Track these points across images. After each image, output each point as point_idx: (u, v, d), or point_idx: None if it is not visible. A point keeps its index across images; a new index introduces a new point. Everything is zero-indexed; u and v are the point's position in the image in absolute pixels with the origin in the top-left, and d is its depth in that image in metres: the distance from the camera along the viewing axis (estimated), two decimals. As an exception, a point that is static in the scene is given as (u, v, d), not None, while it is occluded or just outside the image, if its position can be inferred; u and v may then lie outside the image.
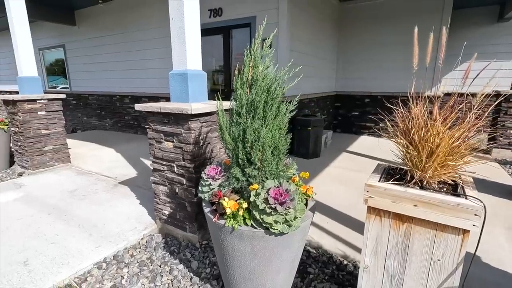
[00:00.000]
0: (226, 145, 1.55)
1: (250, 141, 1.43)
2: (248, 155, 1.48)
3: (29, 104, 4.04)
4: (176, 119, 2.23)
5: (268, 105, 1.46)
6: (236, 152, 1.50)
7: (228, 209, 1.39)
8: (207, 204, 1.64)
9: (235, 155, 1.53)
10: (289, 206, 1.33)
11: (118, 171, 4.23)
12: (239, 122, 1.49)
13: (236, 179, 1.54)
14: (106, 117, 7.78)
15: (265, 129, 1.39)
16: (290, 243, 1.47)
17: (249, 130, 1.42)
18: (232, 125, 1.53)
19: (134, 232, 2.57)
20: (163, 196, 2.53)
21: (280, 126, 1.51)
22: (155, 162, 2.49)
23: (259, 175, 1.50)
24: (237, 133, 1.49)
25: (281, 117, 1.52)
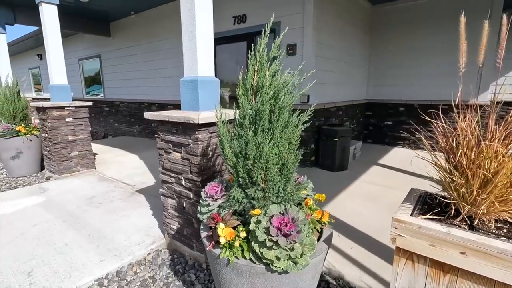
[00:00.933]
0: (227, 161, 1.34)
1: (252, 158, 1.21)
2: (250, 174, 1.26)
3: (57, 111, 4.19)
4: (184, 129, 2.08)
5: (275, 115, 1.23)
6: (237, 170, 1.29)
7: (222, 238, 1.17)
8: (205, 227, 1.44)
9: (236, 173, 1.31)
10: (295, 240, 1.08)
11: (138, 178, 4.21)
12: (241, 134, 1.28)
13: (236, 201, 1.32)
14: (135, 123, 8.00)
15: (269, 144, 1.16)
16: (298, 283, 1.21)
17: (251, 145, 1.20)
18: (234, 138, 1.32)
19: (141, 246, 2.44)
20: (171, 209, 2.38)
21: (289, 140, 1.27)
22: (163, 173, 2.36)
23: (264, 198, 1.27)
24: (238, 147, 1.28)
25: (291, 129, 1.29)
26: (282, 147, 1.25)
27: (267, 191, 1.28)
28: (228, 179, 1.62)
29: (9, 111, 4.57)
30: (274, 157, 1.21)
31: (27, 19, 6.24)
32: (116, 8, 6.74)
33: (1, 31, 5.78)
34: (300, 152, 1.32)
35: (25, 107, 4.76)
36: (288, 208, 1.19)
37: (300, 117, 1.34)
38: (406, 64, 6.20)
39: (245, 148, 1.26)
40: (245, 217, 1.38)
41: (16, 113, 4.64)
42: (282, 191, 1.29)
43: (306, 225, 1.14)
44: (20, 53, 13.37)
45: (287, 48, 4.55)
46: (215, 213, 1.37)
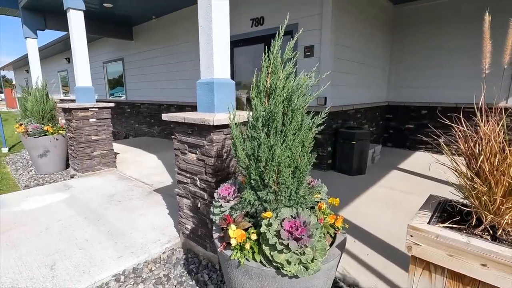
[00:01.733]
0: (239, 162, 1.35)
1: (264, 160, 1.21)
2: (262, 176, 1.26)
3: (82, 112, 4.38)
4: (199, 130, 2.11)
5: (288, 118, 1.23)
6: (249, 172, 1.29)
7: (233, 240, 1.17)
8: (217, 228, 1.45)
9: (248, 175, 1.31)
10: (306, 244, 1.06)
11: (156, 178, 4.32)
12: (253, 136, 1.28)
13: (248, 203, 1.32)
14: (155, 124, 8.22)
15: (282, 147, 1.16)
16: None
17: (263, 147, 1.20)
18: (247, 140, 1.33)
19: (157, 245, 2.49)
20: (186, 209, 2.42)
21: (303, 143, 1.26)
22: (179, 173, 2.41)
23: (276, 200, 1.26)
24: (251, 149, 1.28)
25: (305, 132, 1.27)
26: (295, 149, 1.24)
27: (279, 194, 1.27)
28: (241, 181, 1.63)
29: (38, 111, 4.83)
30: (287, 159, 1.20)
31: (56, 25, 6.58)
32: (138, 12, 6.98)
33: (33, 36, 6.14)
34: (314, 155, 1.30)
35: (52, 108, 5.01)
36: (300, 211, 1.18)
37: (314, 120, 1.32)
38: (429, 65, 5.98)
39: (258, 150, 1.26)
40: (256, 220, 1.38)
41: (44, 113, 4.89)
42: (294, 194, 1.27)
43: (318, 230, 1.12)
44: (49, 57, 14.13)
45: (304, 50, 4.51)
46: (227, 214, 1.38)
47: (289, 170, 1.23)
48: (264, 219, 1.21)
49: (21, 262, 2.23)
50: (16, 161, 5.76)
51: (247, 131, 1.37)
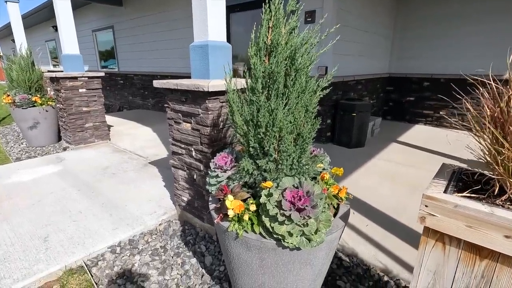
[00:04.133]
0: (237, 129, 1.23)
1: (264, 125, 1.10)
2: (262, 143, 1.15)
3: (71, 81, 4.16)
4: (194, 98, 1.97)
5: (291, 79, 1.10)
6: (248, 139, 1.18)
7: (230, 211, 1.09)
8: (213, 199, 1.37)
9: (247, 143, 1.21)
10: (309, 215, 0.98)
11: (151, 150, 4.22)
12: (252, 100, 1.16)
13: (247, 173, 1.23)
14: (148, 97, 7.98)
15: (284, 111, 1.04)
16: (310, 260, 1.14)
17: (263, 111, 1.08)
18: (245, 105, 1.20)
19: (153, 217, 2.44)
20: (182, 181, 2.34)
21: (306, 107, 1.14)
22: (174, 144, 2.30)
23: (276, 170, 1.17)
24: (249, 114, 1.16)
25: (309, 95, 1.15)
26: (298, 114, 1.12)
27: (280, 162, 1.17)
28: (238, 150, 1.52)
29: (25, 81, 4.59)
30: (289, 125, 1.09)
31: (39, -13, 6.10)
32: (127, -26, 6.47)
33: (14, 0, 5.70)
34: (318, 121, 1.19)
35: (39, 77, 4.77)
36: (303, 181, 1.09)
37: (319, 82, 1.19)
38: (435, 34, 5.71)
39: (257, 115, 1.15)
40: (255, 190, 1.30)
41: (31, 83, 4.66)
42: (296, 163, 1.18)
43: (322, 200, 1.04)
44: (36, 25, 13.39)
45: (305, 15, 4.24)
46: (224, 184, 1.29)
47: (291, 137, 1.13)
48: (264, 189, 1.12)
49: (13, 234, 2.17)
50: (7, 134, 5.60)
51: (246, 96, 1.24)
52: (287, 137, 1.10)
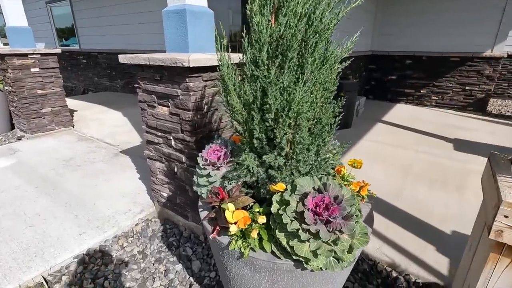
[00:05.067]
0: (234, 114, 0.94)
1: (274, 110, 0.81)
2: (270, 133, 0.87)
3: (19, 59, 3.54)
4: (171, 76, 1.62)
5: (309, 45, 0.80)
6: (250, 127, 0.89)
7: (233, 226, 0.81)
8: (205, 205, 1.08)
9: (249, 132, 0.92)
10: (341, 229, 0.73)
11: (122, 137, 3.78)
12: (255, 75, 0.86)
13: (248, 170, 0.95)
14: (117, 77, 7.27)
15: (303, 88, 0.75)
16: (334, 278, 0.91)
17: (272, 90, 0.79)
18: (244, 82, 0.90)
19: (128, 216, 2.12)
20: (160, 175, 2.02)
21: (325, 85, 0.86)
22: (148, 132, 1.95)
23: (288, 166, 0.90)
24: (252, 94, 0.87)
25: (328, 69, 0.86)
26: (317, 93, 0.84)
27: (292, 157, 0.90)
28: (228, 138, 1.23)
29: (-38, 59, 3.86)
30: (309, 109, 0.81)
31: None
32: None
33: None
34: (341, 103, 0.92)
35: (-19, 55, 4.04)
36: (327, 182, 0.83)
37: (341, 50, 0.91)
38: (418, 10, 5.56)
39: (262, 97, 0.85)
40: (258, 190, 1.03)
41: (-29, 62, 3.93)
42: (313, 157, 0.91)
43: (354, 207, 0.79)
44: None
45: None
46: (219, 186, 1.01)
47: (309, 124, 0.85)
48: (275, 194, 0.86)
49: (-50, 248, 1.77)
50: None
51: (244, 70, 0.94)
52: (305, 125, 0.83)
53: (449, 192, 2.48)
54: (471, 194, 2.44)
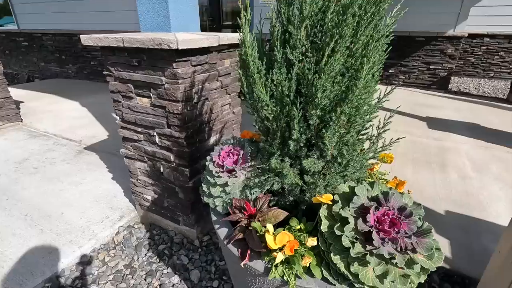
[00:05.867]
0: (261, 109, 0.74)
1: (322, 106, 0.63)
2: (308, 132, 0.69)
3: None
4: (152, 60, 1.35)
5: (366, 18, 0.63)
6: (280, 126, 0.71)
7: (280, 255, 0.65)
8: (219, 219, 0.89)
9: (280, 131, 0.73)
10: (413, 248, 0.60)
11: (84, 132, 3.34)
12: (290, 60, 0.67)
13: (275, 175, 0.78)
14: (68, 62, 6.45)
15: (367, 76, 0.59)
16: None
17: (322, 79, 0.61)
18: (274, 68, 0.71)
19: (105, 224, 1.84)
20: (143, 176, 1.76)
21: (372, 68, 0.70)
22: (124, 127, 1.66)
23: (332, 172, 0.74)
24: (286, 85, 0.68)
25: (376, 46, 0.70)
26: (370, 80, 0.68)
27: (336, 160, 0.74)
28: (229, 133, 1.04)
29: None
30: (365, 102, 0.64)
31: None
32: None
33: None
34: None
35: None
36: (384, 189, 0.69)
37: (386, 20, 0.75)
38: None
39: (308, 86, 0.67)
40: (283, 197, 0.86)
41: None
42: (356, 157, 0.76)
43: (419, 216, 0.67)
44: None
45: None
46: (242, 198, 0.82)
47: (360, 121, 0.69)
48: (322, 209, 0.70)
49: None
50: None
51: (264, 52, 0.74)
52: (360, 122, 0.66)
53: (434, 172, 2.53)
54: (454, 173, 2.51)
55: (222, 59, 1.56)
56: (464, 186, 2.31)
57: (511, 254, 0.91)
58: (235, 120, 1.84)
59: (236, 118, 1.84)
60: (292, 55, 0.68)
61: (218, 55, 1.52)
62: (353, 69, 0.63)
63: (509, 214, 1.99)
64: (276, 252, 0.65)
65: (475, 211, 2.01)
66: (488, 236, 1.79)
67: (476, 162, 2.70)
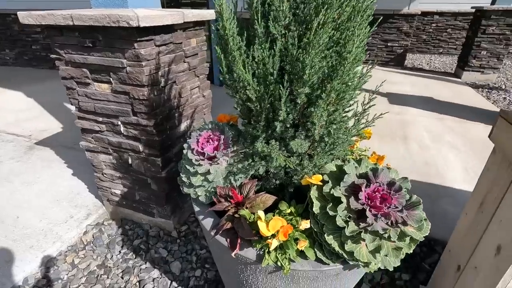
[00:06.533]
0: (241, 90, 0.69)
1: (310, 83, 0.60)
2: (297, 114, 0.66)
3: None
4: (109, 40, 1.20)
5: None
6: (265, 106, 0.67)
7: (275, 241, 0.62)
8: (203, 210, 0.84)
9: (264, 113, 0.69)
10: (405, 221, 0.61)
11: (33, 125, 2.99)
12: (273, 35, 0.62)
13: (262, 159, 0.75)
14: (4, 47, 5.67)
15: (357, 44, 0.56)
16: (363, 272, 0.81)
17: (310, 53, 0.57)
18: (255, 44, 0.66)
19: (71, 225, 1.70)
20: (109, 169, 1.62)
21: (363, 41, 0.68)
22: (82, 118, 1.50)
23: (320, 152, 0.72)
24: (270, 62, 0.63)
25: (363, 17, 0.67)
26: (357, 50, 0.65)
27: (323, 139, 0.72)
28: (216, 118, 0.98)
29: None
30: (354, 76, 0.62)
31: None
32: None
33: None
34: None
35: None
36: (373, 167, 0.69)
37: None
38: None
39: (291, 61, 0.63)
40: (267, 181, 0.84)
41: None
42: (342, 136, 0.75)
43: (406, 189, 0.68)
44: None
45: None
46: (227, 186, 0.78)
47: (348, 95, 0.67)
48: (312, 189, 0.68)
49: None
50: None
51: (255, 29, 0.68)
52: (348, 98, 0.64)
53: (397, 144, 2.69)
54: (415, 144, 2.69)
55: (188, 38, 1.45)
56: (424, 156, 2.49)
57: (477, 216, 0.99)
58: (206, 104, 1.75)
59: (207, 101, 1.76)
60: (275, 29, 0.63)
61: (183, 34, 1.40)
62: (340, 42, 0.60)
63: (463, 177, 2.19)
64: (270, 239, 0.63)
65: (434, 178, 2.18)
66: (447, 200, 1.96)
67: (433, 133, 2.91)
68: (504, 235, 0.81)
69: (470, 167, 2.31)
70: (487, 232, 0.92)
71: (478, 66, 5.07)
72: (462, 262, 1.03)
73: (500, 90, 4.54)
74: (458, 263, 1.06)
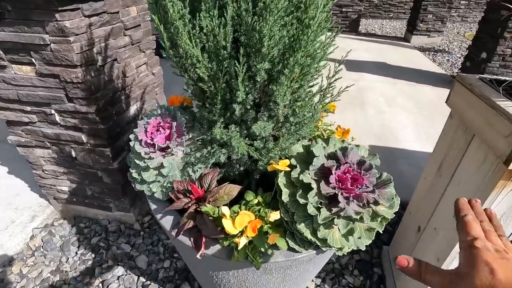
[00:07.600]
0: (189, 67, 0.58)
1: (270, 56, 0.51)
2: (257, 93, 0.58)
3: None
4: (22, 10, 0.97)
5: None
6: (220, 86, 0.57)
7: (243, 239, 0.56)
8: (160, 207, 0.75)
9: (220, 94, 0.60)
10: (377, 200, 0.59)
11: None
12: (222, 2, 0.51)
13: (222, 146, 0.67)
14: None
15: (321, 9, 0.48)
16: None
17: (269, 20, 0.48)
18: (201, 11, 0.54)
19: (13, 230, 1.50)
20: (49, 165, 1.42)
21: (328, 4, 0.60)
22: (5, 108, 1.25)
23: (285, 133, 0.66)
24: (222, 33, 0.53)
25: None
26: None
27: (287, 120, 0.65)
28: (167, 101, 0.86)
29: None
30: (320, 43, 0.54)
31: None
32: None
33: None
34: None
35: None
36: (342, 145, 0.64)
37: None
38: None
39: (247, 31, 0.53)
40: (231, 168, 0.77)
41: None
42: (308, 114, 0.69)
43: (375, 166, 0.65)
44: None
45: None
46: (185, 179, 0.69)
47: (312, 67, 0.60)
48: (279, 175, 0.62)
49: None
50: None
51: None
52: (313, 72, 0.57)
53: (356, 110, 2.75)
54: (372, 109, 2.78)
55: (125, 6, 1.24)
56: (380, 120, 2.59)
57: (435, 179, 1.03)
58: (157, 83, 1.58)
59: (157, 80, 1.58)
60: (223, -9, 0.52)
61: (119, 2, 1.19)
62: (301, 7, 0.51)
63: (415, 137, 2.32)
64: (238, 238, 0.56)
65: (390, 141, 2.28)
66: (402, 161, 2.07)
67: (387, 97, 3.02)
68: (463, 196, 0.85)
69: (421, 128, 2.46)
70: (446, 194, 0.96)
71: (425, 30, 5.30)
72: (422, 224, 1.09)
73: (444, 52, 4.84)
74: (418, 224, 1.12)
